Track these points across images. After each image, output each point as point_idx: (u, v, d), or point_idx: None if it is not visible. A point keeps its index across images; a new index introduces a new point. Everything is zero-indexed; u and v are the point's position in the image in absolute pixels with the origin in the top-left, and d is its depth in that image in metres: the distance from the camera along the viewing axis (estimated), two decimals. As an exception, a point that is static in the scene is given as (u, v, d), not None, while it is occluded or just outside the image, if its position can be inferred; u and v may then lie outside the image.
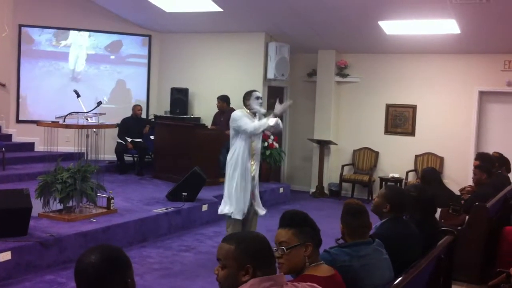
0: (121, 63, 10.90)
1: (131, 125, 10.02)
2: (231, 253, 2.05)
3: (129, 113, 10.27)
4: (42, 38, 10.35)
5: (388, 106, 10.09)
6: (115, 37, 10.82)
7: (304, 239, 2.47)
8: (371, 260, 2.84)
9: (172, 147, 9.29)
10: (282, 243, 2.48)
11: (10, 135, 10.11)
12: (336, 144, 10.31)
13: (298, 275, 2.46)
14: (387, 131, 10.13)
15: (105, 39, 10.75)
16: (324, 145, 10.31)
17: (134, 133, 9.96)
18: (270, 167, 9.90)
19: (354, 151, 10.37)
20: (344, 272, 2.61)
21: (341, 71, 10.38)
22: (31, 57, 10.32)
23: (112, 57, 10.81)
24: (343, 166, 10.21)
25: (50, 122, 6.80)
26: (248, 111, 5.90)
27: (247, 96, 5.98)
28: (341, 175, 10.15)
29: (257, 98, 5.95)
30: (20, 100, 10.27)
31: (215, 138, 9.26)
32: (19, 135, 10.14)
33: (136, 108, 10.16)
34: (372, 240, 2.96)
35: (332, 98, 10.41)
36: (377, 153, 10.17)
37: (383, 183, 9.73)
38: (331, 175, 10.40)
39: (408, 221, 3.65)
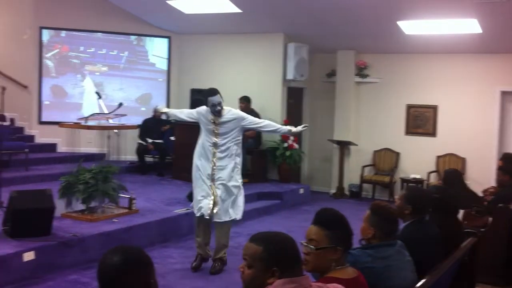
0: (142, 69, 10.99)
1: (152, 126, 10.09)
2: (258, 255, 2.05)
3: (150, 114, 10.37)
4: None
5: (409, 107, 10.02)
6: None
7: (335, 242, 2.44)
8: (394, 262, 2.82)
9: (192, 148, 9.24)
10: (312, 241, 2.46)
11: (33, 136, 10.24)
12: (356, 145, 10.27)
13: (322, 274, 2.45)
14: (408, 132, 10.06)
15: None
16: (344, 145, 10.27)
17: (155, 134, 10.02)
18: (290, 167, 9.89)
19: (375, 152, 10.32)
20: (366, 273, 2.59)
21: (361, 71, 10.34)
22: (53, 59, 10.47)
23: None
24: (363, 167, 10.16)
25: (72, 123, 6.88)
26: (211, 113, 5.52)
27: (207, 100, 5.54)
28: (361, 176, 10.10)
29: (213, 105, 5.44)
30: (42, 101, 10.41)
31: (235, 139, 9.26)
32: (42, 136, 10.26)
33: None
34: (395, 242, 2.94)
35: (351, 99, 10.37)
36: (398, 154, 10.10)
37: (404, 184, 9.66)
38: (352, 176, 10.36)
39: (430, 223, 3.62)
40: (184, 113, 5.99)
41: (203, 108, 5.61)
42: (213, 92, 5.51)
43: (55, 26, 10.38)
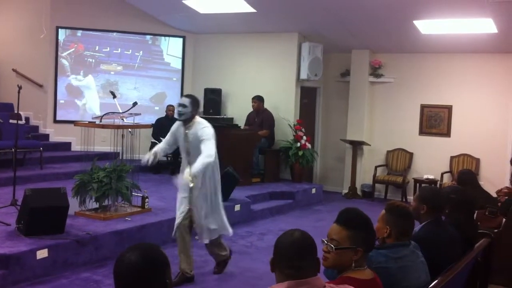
0: (157, 69, 11.04)
1: (165, 125, 10.09)
2: None
3: (163, 113, 10.45)
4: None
5: (423, 107, 9.96)
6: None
7: (357, 244, 2.42)
8: (408, 262, 2.81)
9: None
10: (333, 241, 2.45)
11: (48, 135, 10.33)
12: (369, 145, 10.23)
13: (340, 272, 2.45)
14: (422, 132, 10.00)
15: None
16: (357, 145, 10.24)
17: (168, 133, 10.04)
18: (302, 167, 9.88)
19: (388, 152, 10.27)
20: (380, 273, 2.58)
21: (375, 71, 10.29)
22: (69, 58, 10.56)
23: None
24: (376, 167, 10.12)
25: (87, 122, 6.93)
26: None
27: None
28: (374, 176, 10.06)
29: (178, 105, 5.15)
30: (57, 100, 10.50)
31: (248, 138, 9.30)
32: (57, 135, 10.35)
33: (169, 108, 10.26)
34: (409, 242, 2.92)
35: (365, 98, 10.34)
36: (411, 154, 10.05)
37: (418, 184, 9.61)
38: (364, 176, 10.32)
39: (447, 223, 3.60)
40: (166, 142, 5.41)
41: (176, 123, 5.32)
42: (188, 95, 5.27)
43: (71, 26, 10.46)
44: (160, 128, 10.08)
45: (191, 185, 4.99)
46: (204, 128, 5.04)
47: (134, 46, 10.91)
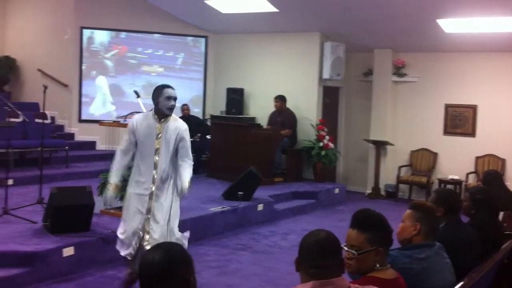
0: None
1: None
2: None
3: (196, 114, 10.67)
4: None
5: (447, 106, 9.85)
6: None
7: (376, 244, 2.42)
8: (432, 263, 2.78)
9: (227, 146, 9.38)
10: (353, 247, 2.45)
11: (73, 134, 10.47)
12: (393, 145, 10.15)
13: (363, 274, 2.45)
14: (446, 132, 9.90)
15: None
16: (380, 145, 10.18)
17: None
18: (325, 167, 9.86)
19: (412, 152, 10.18)
20: (404, 274, 2.57)
21: (398, 70, 10.22)
22: (94, 58, 10.69)
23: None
24: (400, 167, 10.04)
25: (111, 121, 7.00)
26: (155, 114, 4.39)
27: (156, 92, 4.39)
28: (398, 176, 9.99)
29: (168, 98, 4.35)
30: (82, 99, 10.64)
31: (270, 138, 9.31)
32: (81, 134, 10.48)
33: (184, 108, 10.30)
34: (434, 243, 2.90)
35: (388, 98, 10.27)
36: (435, 154, 9.95)
37: (442, 185, 9.51)
38: (388, 176, 10.25)
39: (468, 224, 3.57)
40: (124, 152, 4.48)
41: (141, 116, 4.51)
42: (171, 86, 4.52)
43: (95, 26, 10.58)
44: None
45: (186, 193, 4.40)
46: (185, 128, 4.47)
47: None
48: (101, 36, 10.73)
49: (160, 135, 4.33)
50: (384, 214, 2.56)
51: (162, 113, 4.34)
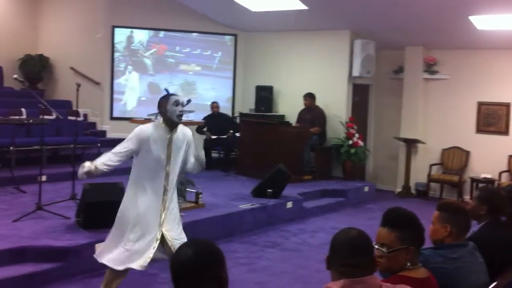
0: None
1: (212, 122, 10.12)
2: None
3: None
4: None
5: (480, 104, 9.69)
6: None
7: (407, 242, 2.40)
8: (465, 263, 2.75)
9: (256, 144, 9.40)
10: (383, 245, 2.43)
11: (105, 132, 10.63)
12: (424, 143, 10.04)
13: (394, 273, 2.43)
14: (479, 130, 9.74)
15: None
16: (411, 143, 10.07)
17: (216, 129, 10.07)
18: (354, 165, 9.80)
19: (443, 150, 10.05)
20: (437, 274, 2.54)
21: (430, 67, 10.09)
22: (134, 56, 10.88)
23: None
24: (431, 166, 9.92)
25: (142, 119, 7.09)
26: (164, 124, 4.21)
27: (162, 101, 4.23)
28: (429, 174, 9.87)
29: (176, 103, 4.13)
30: (114, 97, 10.79)
31: (299, 136, 9.30)
32: (113, 131, 10.61)
33: (213, 105, 10.34)
34: (467, 243, 2.87)
35: (419, 96, 10.15)
36: (467, 153, 9.80)
37: (474, 184, 9.37)
38: (418, 175, 10.14)
39: (509, 224, 3.50)
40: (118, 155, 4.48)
41: (145, 127, 4.29)
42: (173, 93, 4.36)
43: (127, 25, 10.72)
44: (207, 124, 10.07)
45: None
46: (190, 133, 4.38)
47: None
48: (140, 35, 10.89)
49: (171, 145, 4.21)
50: (415, 213, 2.54)
51: (171, 121, 4.16)
